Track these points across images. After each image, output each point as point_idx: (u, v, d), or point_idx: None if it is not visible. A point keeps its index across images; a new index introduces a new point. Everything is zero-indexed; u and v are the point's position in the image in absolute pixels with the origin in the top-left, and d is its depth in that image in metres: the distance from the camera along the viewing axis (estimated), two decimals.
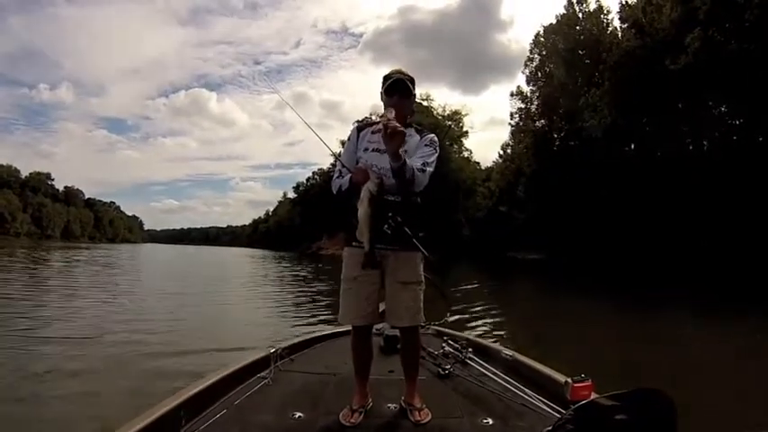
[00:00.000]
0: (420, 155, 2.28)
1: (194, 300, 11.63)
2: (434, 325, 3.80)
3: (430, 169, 2.27)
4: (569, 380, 2.18)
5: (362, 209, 2.14)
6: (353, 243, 2.32)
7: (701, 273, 19.40)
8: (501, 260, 34.36)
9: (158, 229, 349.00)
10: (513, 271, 28.16)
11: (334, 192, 2.38)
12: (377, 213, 2.14)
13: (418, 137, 2.39)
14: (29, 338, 6.38)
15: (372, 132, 2.40)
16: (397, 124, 2.05)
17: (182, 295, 12.64)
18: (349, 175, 2.30)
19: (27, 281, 14.84)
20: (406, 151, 2.23)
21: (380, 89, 2.39)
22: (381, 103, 2.40)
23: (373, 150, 2.34)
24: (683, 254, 23.78)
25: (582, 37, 38.72)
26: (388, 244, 2.25)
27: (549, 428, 1.68)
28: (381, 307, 2.39)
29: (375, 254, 2.20)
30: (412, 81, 2.35)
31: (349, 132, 2.50)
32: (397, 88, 2.33)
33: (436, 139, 2.41)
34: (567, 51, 38.76)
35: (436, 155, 2.35)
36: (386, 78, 2.36)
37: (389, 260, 2.31)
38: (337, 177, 2.39)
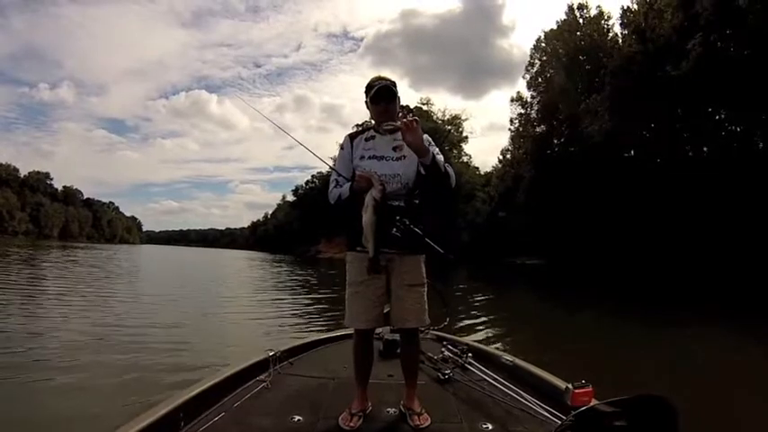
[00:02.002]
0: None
1: (192, 303, 11.61)
2: (434, 330, 3.78)
3: (451, 169, 2.34)
4: (570, 385, 2.16)
5: (367, 216, 2.16)
6: (357, 248, 2.32)
7: (701, 279, 19.40)
8: (500, 265, 34.33)
9: (157, 230, 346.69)
10: (513, 276, 28.14)
11: (332, 201, 2.39)
12: (381, 220, 2.16)
13: None
14: (24, 343, 6.35)
15: (366, 140, 2.42)
16: (412, 120, 2.15)
17: (179, 298, 12.61)
18: (348, 183, 2.32)
19: (18, 281, 14.78)
20: (404, 156, 2.32)
21: (365, 98, 2.41)
22: None
23: (370, 158, 2.36)
24: (682, 260, 23.77)
25: (582, 42, 38.81)
26: (394, 248, 2.28)
27: None
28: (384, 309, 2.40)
29: (379, 259, 2.22)
30: (394, 84, 2.38)
31: (342, 141, 2.53)
32: (383, 96, 2.35)
33: (429, 138, 2.43)
34: (568, 57, 38.85)
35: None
36: (369, 87, 2.38)
37: (395, 263, 2.33)
38: (335, 187, 2.40)
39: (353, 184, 2.28)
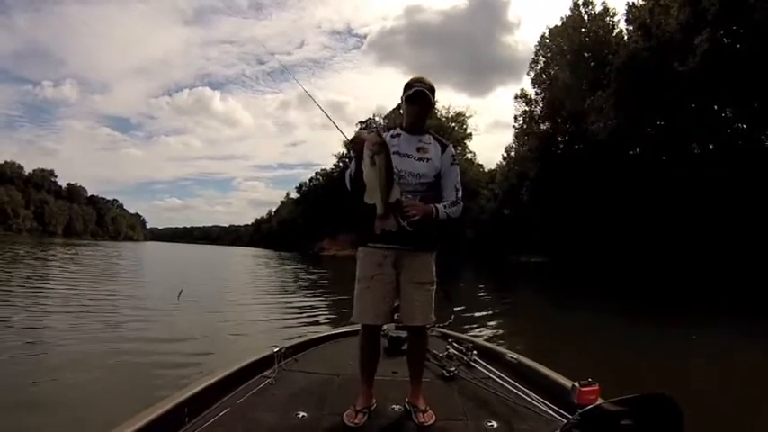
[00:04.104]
0: (450, 179, 2.42)
1: (197, 298, 11.60)
2: (439, 327, 3.78)
3: (461, 193, 2.43)
4: (576, 384, 2.15)
5: (367, 168, 2.12)
6: (369, 244, 2.34)
7: (706, 277, 19.32)
8: (504, 263, 34.31)
9: (161, 227, 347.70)
10: (517, 274, 28.10)
11: (348, 184, 2.38)
12: (385, 167, 2.11)
13: (438, 145, 2.45)
14: (28, 338, 6.36)
15: (392, 137, 2.41)
16: (411, 206, 2.21)
17: (184, 294, 12.61)
18: (353, 156, 2.32)
19: (25, 280, 14.80)
20: (428, 159, 2.37)
21: (402, 95, 2.40)
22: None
23: (393, 153, 2.32)
24: (687, 258, 23.70)
25: (587, 39, 38.65)
26: (405, 243, 2.29)
27: None
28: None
29: (390, 215, 2.17)
30: (432, 91, 2.37)
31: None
32: (419, 99, 2.35)
33: (453, 150, 2.50)
34: (573, 54, 38.69)
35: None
36: (408, 87, 2.37)
37: (405, 260, 2.34)
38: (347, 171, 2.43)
39: (354, 153, 2.26)
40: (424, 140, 2.41)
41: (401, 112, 2.54)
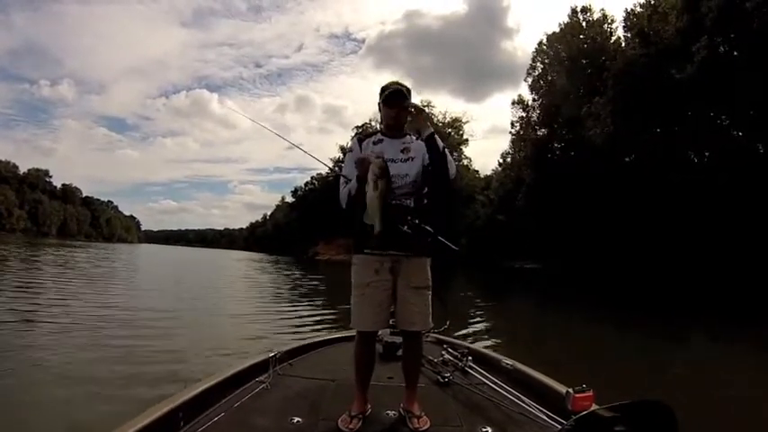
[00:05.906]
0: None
1: (191, 302, 11.57)
2: (434, 333, 3.78)
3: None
4: (570, 390, 2.16)
5: (369, 190, 2.17)
6: (365, 250, 2.34)
7: (701, 284, 19.37)
8: (499, 269, 34.29)
9: (155, 229, 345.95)
10: (512, 280, 28.12)
11: (344, 203, 2.41)
12: (385, 191, 2.17)
13: (420, 141, 2.46)
14: (20, 340, 6.31)
15: (374, 143, 2.46)
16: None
17: (178, 297, 12.57)
18: (355, 175, 2.33)
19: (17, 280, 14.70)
20: (412, 158, 2.39)
21: (378, 100, 2.46)
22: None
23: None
24: (682, 265, 23.74)
25: (585, 45, 38.73)
26: (401, 249, 2.31)
27: None
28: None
29: (386, 235, 2.21)
30: (408, 91, 2.44)
31: (349, 142, 2.54)
32: (397, 98, 2.40)
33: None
34: (570, 60, 38.77)
35: None
36: (383, 89, 2.42)
37: (402, 265, 2.35)
38: (344, 187, 2.43)
39: (358, 173, 2.29)
40: (406, 141, 2.45)
41: (380, 117, 2.58)
